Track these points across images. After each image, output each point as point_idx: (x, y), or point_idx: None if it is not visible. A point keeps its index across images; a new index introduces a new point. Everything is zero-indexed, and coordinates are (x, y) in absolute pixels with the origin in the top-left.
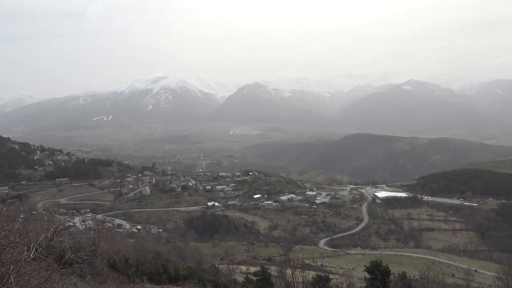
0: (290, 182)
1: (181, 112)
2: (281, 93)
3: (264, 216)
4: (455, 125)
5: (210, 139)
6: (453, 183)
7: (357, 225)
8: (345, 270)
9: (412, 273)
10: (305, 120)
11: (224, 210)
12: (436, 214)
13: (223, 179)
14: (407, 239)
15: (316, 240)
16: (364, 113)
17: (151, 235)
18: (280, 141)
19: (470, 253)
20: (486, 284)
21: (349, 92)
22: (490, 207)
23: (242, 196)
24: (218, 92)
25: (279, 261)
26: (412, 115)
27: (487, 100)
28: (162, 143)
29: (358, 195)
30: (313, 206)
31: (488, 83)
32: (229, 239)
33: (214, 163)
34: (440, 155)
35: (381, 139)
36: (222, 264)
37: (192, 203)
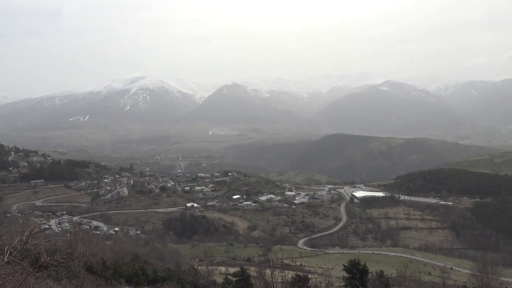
0: (269, 183)
1: (160, 112)
2: (260, 94)
3: (243, 216)
4: (431, 125)
5: (188, 139)
6: (429, 182)
7: (336, 224)
8: (324, 269)
9: (390, 272)
10: (283, 120)
11: (203, 211)
12: (412, 213)
13: (202, 180)
14: (384, 238)
15: (295, 240)
16: (342, 114)
17: (129, 237)
18: (259, 141)
19: (446, 251)
20: (461, 281)
21: (327, 93)
22: (465, 206)
23: (221, 196)
24: (197, 92)
25: (259, 261)
26: (389, 115)
27: (462, 101)
28: (140, 143)
29: (336, 195)
30: (292, 206)
31: (462, 84)
32: (208, 240)
33: (193, 163)
34: (416, 155)
35: (359, 139)
36: (201, 265)
37: (171, 204)
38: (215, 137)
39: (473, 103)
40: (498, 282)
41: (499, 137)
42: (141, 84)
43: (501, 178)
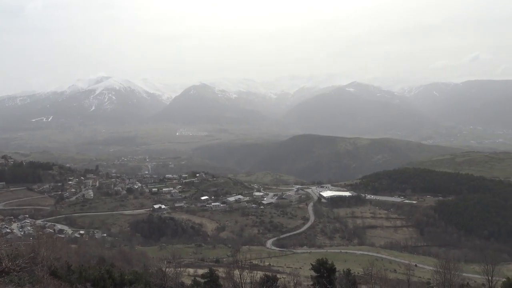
0: (237, 183)
1: (126, 113)
2: (228, 94)
3: (212, 217)
4: (396, 125)
5: (156, 140)
6: (394, 181)
7: (304, 224)
8: (292, 269)
9: (357, 270)
10: (251, 121)
11: (171, 212)
12: (378, 212)
13: (170, 181)
14: (351, 237)
15: (263, 240)
16: (309, 114)
17: (95, 240)
18: (227, 142)
19: (410, 249)
20: (425, 278)
21: (295, 94)
22: (429, 204)
23: (189, 198)
24: (164, 93)
25: (227, 262)
26: (355, 116)
27: (425, 102)
28: (106, 145)
29: (304, 195)
30: (261, 207)
31: (425, 86)
32: (176, 242)
33: (160, 165)
34: (381, 155)
35: (326, 139)
36: (169, 267)
37: (138, 206)
38: (182, 138)
39: (435, 104)
40: (460, 278)
41: (460, 137)
42: (106, 84)
43: (462, 177)
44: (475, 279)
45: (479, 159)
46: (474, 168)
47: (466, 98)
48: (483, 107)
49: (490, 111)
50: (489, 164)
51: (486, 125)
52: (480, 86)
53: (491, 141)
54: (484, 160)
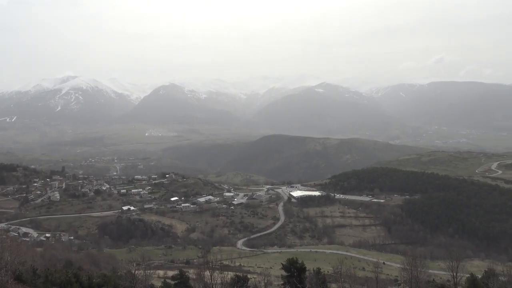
0: (207, 184)
1: (93, 113)
2: (198, 95)
3: (182, 218)
4: (364, 126)
5: (124, 141)
6: (363, 181)
7: (274, 224)
8: (263, 269)
9: (326, 269)
10: (222, 121)
11: (140, 214)
12: (347, 211)
13: (139, 182)
14: (321, 236)
15: (234, 241)
16: (279, 115)
17: (61, 243)
18: (197, 142)
19: (379, 247)
20: (393, 275)
21: (265, 94)
22: (396, 203)
23: (159, 199)
24: (132, 93)
25: (198, 263)
26: (325, 116)
27: (392, 103)
28: (72, 146)
29: (274, 195)
30: (231, 207)
31: (392, 86)
32: (146, 244)
33: (129, 166)
34: (350, 155)
35: (295, 140)
36: (139, 269)
37: (106, 208)
38: (152, 139)
39: (402, 105)
40: (427, 274)
41: (425, 137)
42: (73, 83)
43: (428, 176)
44: (441, 275)
45: (444, 159)
46: (439, 167)
47: (431, 99)
48: (448, 107)
49: (454, 112)
50: (454, 164)
51: (450, 125)
52: (445, 87)
53: (455, 141)
54: (448, 160)
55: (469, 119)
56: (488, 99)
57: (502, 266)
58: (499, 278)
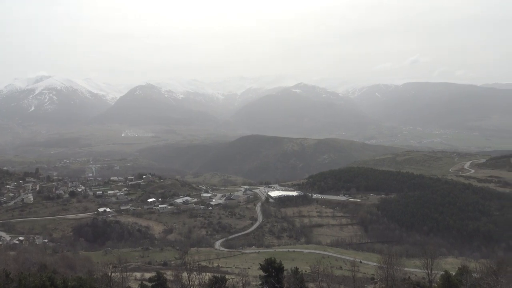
0: (185, 185)
1: (68, 113)
2: (175, 95)
3: (159, 220)
4: (340, 126)
5: (100, 142)
6: (340, 181)
7: (252, 224)
8: (241, 269)
9: (304, 268)
10: (199, 122)
11: (117, 215)
12: (324, 210)
13: (115, 184)
14: (299, 235)
15: (212, 242)
16: (257, 115)
17: (35, 246)
18: (174, 143)
19: (355, 246)
20: (370, 273)
21: (242, 94)
22: (372, 202)
23: (136, 200)
24: (108, 93)
25: (175, 265)
26: (302, 116)
27: (368, 103)
28: (46, 147)
29: (252, 195)
30: (209, 208)
31: (368, 87)
32: (122, 246)
33: (105, 167)
34: (327, 155)
35: (273, 140)
36: (115, 272)
37: (82, 210)
38: (128, 139)
39: (378, 105)
40: (402, 272)
41: (401, 137)
42: (47, 83)
43: (403, 175)
44: (416, 273)
45: (419, 158)
46: (414, 167)
47: (406, 99)
48: (422, 108)
49: (428, 112)
50: (428, 163)
51: (424, 125)
52: (419, 88)
53: (430, 140)
54: (423, 159)
55: (443, 119)
56: (461, 99)
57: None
58: (472, 275)
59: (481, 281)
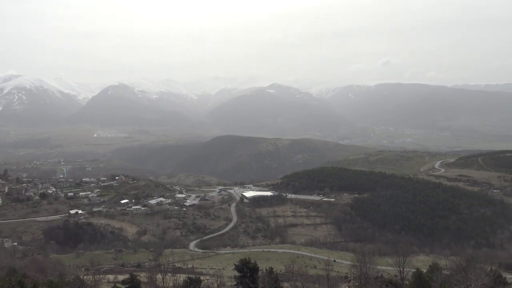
0: (159, 186)
1: (38, 114)
2: (148, 95)
3: (133, 221)
4: (314, 126)
5: (71, 142)
6: (314, 180)
7: (227, 225)
8: (215, 270)
9: (279, 268)
10: (173, 122)
11: (89, 217)
12: (299, 210)
13: (87, 185)
14: (273, 235)
15: (186, 243)
16: (231, 115)
17: (4, 249)
18: (148, 143)
19: (329, 245)
20: (344, 272)
21: (216, 95)
22: (345, 202)
23: (109, 201)
24: (80, 93)
25: (149, 266)
26: (276, 117)
27: (341, 103)
28: (15, 147)
29: (227, 196)
30: (183, 209)
31: (341, 88)
32: (95, 248)
33: (76, 168)
34: (301, 155)
35: (247, 140)
36: (88, 275)
37: (52, 212)
38: (100, 140)
39: (351, 106)
40: (375, 270)
41: (373, 137)
42: (16, 83)
43: (376, 175)
44: (389, 271)
45: (391, 158)
46: (387, 166)
47: (378, 100)
48: (394, 108)
49: (400, 113)
50: (400, 163)
51: (396, 125)
52: (391, 89)
53: (401, 140)
54: (395, 159)
55: (414, 119)
56: (432, 100)
57: (445, 261)
58: (442, 272)
59: (451, 277)
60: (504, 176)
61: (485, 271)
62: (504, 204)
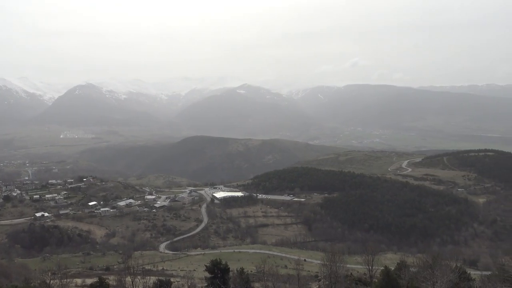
0: (128, 187)
1: (1, 114)
2: (117, 95)
3: (101, 223)
4: (284, 126)
5: (37, 144)
6: (284, 181)
7: (197, 226)
8: (186, 272)
9: (250, 268)
10: (142, 122)
11: (56, 220)
12: (269, 210)
13: (54, 187)
14: (244, 236)
15: (156, 245)
16: (201, 116)
17: None
18: (117, 144)
19: (300, 245)
20: (314, 271)
21: (187, 95)
22: (316, 202)
23: (76, 204)
24: (46, 92)
25: (118, 269)
26: (247, 117)
27: (311, 104)
28: None
29: (197, 197)
30: (153, 210)
31: (311, 89)
32: (62, 252)
33: (42, 170)
34: (272, 155)
35: (218, 141)
36: (54, 279)
37: (17, 215)
38: (67, 141)
39: (320, 106)
40: (345, 269)
41: (342, 137)
42: None
43: (345, 175)
44: (358, 269)
45: (360, 158)
46: (356, 166)
47: (347, 100)
48: (362, 109)
49: (368, 113)
50: (368, 162)
51: (365, 126)
52: (359, 90)
53: (370, 140)
54: (364, 159)
55: (382, 120)
56: (399, 101)
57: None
58: (410, 269)
59: (418, 274)
60: (468, 175)
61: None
62: (468, 202)
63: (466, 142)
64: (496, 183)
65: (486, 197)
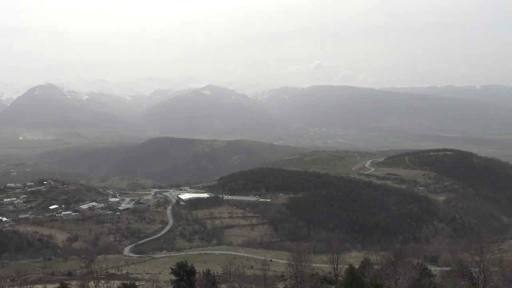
0: (91, 190)
1: None
2: (79, 96)
3: (63, 227)
4: (250, 127)
5: None
6: (250, 181)
7: (162, 228)
8: (151, 275)
9: (216, 269)
10: (106, 124)
11: (15, 225)
12: (235, 211)
13: (12, 191)
14: (210, 237)
15: (120, 248)
16: (166, 117)
17: None
18: (79, 146)
19: (266, 245)
20: (280, 271)
21: (151, 96)
22: (281, 202)
23: (36, 208)
24: (3, 93)
25: (81, 274)
26: (212, 118)
27: (276, 105)
28: None
29: (162, 199)
30: (117, 213)
31: (276, 90)
32: (21, 257)
33: (0, 173)
34: (237, 156)
35: (183, 142)
36: (14, 285)
37: None
38: (27, 143)
39: (285, 107)
40: (310, 268)
41: (307, 138)
42: None
43: (310, 175)
44: (323, 268)
45: (324, 158)
46: (320, 166)
47: (311, 101)
48: (327, 110)
49: (332, 114)
50: (333, 162)
51: (329, 126)
52: (323, 91)
53: (334, 141)
54: (328, 159)
55: (346, 120)
56: (362, 102)
57: (376, 256)
58: (373, 266)
59: (381, 272)
60: (428, 174)
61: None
62: (429, 200)
63: (427, 142)
64: (455, 182)
65: (445, 195)
